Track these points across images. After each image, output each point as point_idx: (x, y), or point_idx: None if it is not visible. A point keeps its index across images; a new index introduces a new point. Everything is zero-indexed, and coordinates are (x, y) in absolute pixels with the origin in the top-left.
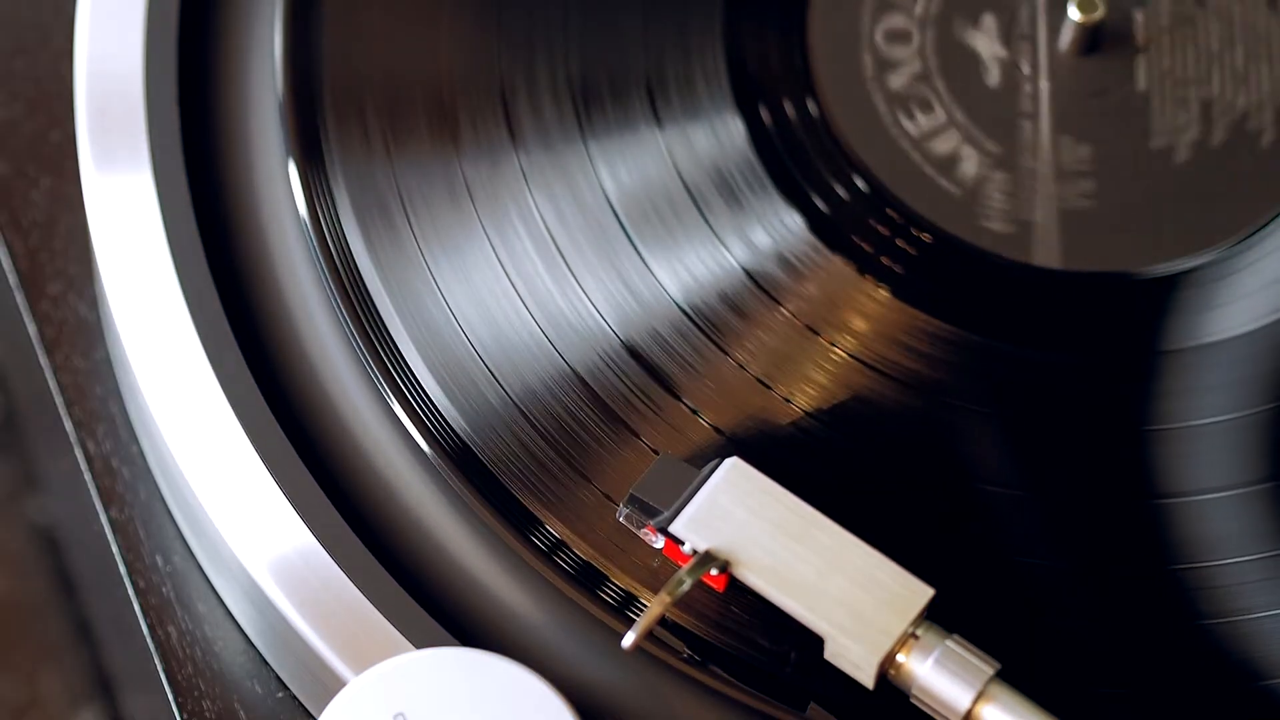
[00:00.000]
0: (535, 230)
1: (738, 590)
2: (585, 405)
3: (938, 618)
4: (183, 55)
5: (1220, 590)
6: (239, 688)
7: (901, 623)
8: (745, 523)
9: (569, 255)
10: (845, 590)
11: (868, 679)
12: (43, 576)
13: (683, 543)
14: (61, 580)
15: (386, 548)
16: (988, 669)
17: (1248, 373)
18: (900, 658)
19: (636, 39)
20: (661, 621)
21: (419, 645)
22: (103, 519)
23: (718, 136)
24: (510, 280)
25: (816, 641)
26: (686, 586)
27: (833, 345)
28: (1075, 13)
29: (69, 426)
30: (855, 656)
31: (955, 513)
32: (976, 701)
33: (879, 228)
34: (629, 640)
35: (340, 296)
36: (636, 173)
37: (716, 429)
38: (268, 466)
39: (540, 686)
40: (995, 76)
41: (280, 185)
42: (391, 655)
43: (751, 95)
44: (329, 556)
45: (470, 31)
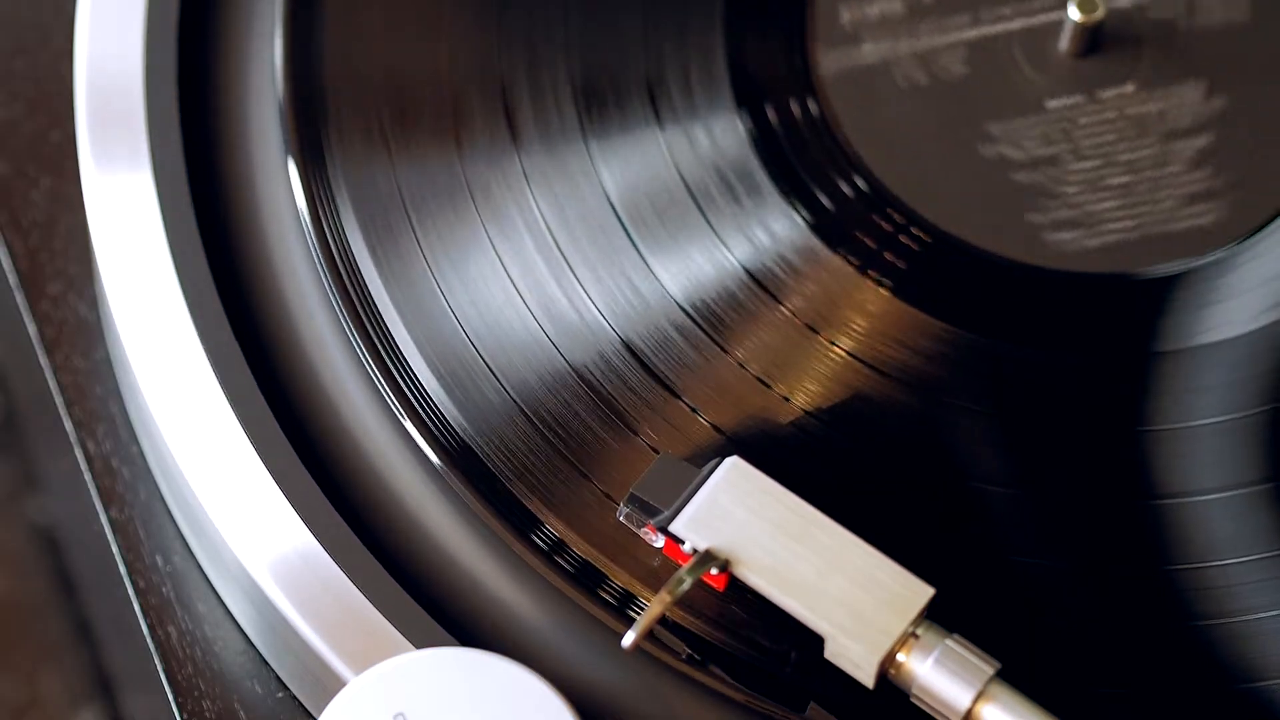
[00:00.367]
0: (536, 230)
1: (738, 590)
2: (585, 405)
3: (938, 617)
4: (183, 55)
5: (1220, 590)
6: (239, 688)
7: (901, 622)
8: (745, 522)
9: (570, 255)
10: (845, 590)
11: (868, 679)
12: (43, 576)
13: (683, 542)
14: (61, 580)
15: (386, 548)
16: (988, 669)
17: (1246, 373)
18: (900, 657)
19: (637, 39)
20: (661, 621)
21: (419, 645)
22: (103, 519)
23: (718, 136)
24: (511, 280)
25: (816, 641)
26: (686, 586)
27: (833, 344)
28: (1075, 13)
29: (69, 426)
30: (855, 656)
31: (955, 513)
32: (976, 701)
33: (879, 227)
34: (629, 640)
35: (340, 296)
36: (637, 172)
37: (716, 428)
38: (268, 466)
39: (540, 686)
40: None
41: (280, 185)
42: (391, 655)
43: (752, 95)
44: (329, 557)
45: (471, 31)
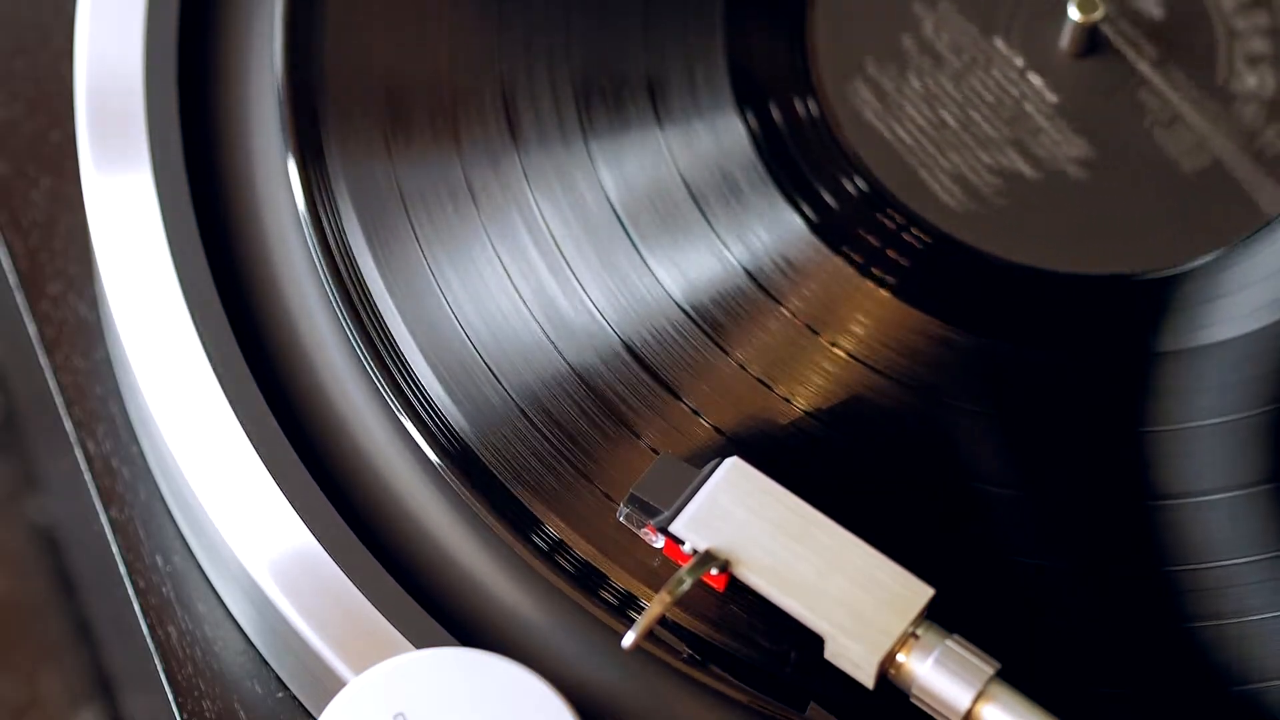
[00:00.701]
0: (536, 230)
1: (738, 590)
2: (585, 405)
3: (938, 618)
4: (183, 55)
5: (1219, 591)
6: (239, 688)
7: (901, 622)
8: (745, 522)
9: (570, 255)
10: (845, 590)
11: (868, 679)
12: (43, 576)
13: (683, 542)
14: (61, 580)
15: (386, 548)
16: (988, 669)
17: (1246, 374)
18: (900, 657)
19: (637, 39)
20: (661, 621)
21: (419, 645)
22: (103, 519)
23: (718, 136)
24: (511, 280)
25: (816, 641)
26: (686, 586)
27: (833, 345)
28: (1075, 13)
29: (69, 426)
30: (855, 656)
31: (955, 513)
32: (976, 701)
33: (879, 228)
34: (629, 640)
35: (340, 296)
36: (637, 172)
37: (716, 429)
38: (268, 466)
39: (540, 686)
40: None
41: (280, 185)
42: (391, 655)
43: (752, 95)
44: (329, 556)
45: (471, 30)
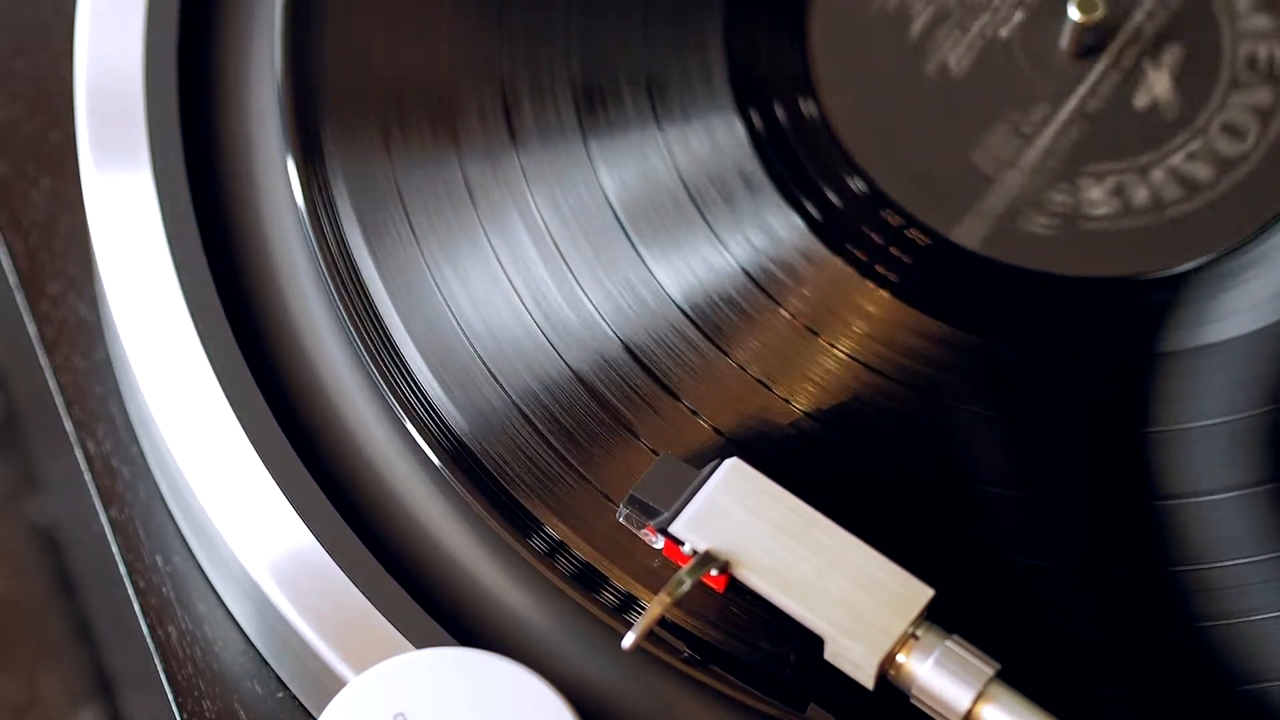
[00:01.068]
0: (535, 230)
1: (738, 590)
2: (585, 405)
3: (938, 618)
4: (183, 55)
5: (1220, 592)
6: (239, 688)
7: (901, 623)
8: (745, 523)
9: (569, 255)
10: (845, 590)
11: (868, 679)
12: (43, 576)
13: (683, 543)
14: (61, 580)
15: (386, 548)
16: (988, 669)
17: (1247, 375)
18: (900, 658)
19: (637, 39)
20: (661, 622)
21: (419, 645)
22: (103, 519)
23: (718, 137)
24: (510, 280)
25: (816, 642)
26: (686, 587)
27: (833, 345)
28: (1075, 13)
29: (69, 426)
30: (855, 656)
31: (955, 513)
32: (976, 702)
33: (879, 228)
34: (629, 641)
35: (340, 296)
36: (637, 173)
37: (716, 429)
38: (268, 466)
39: (540, 686)
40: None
41: (280, 185)
42: (391, 655)
43: (752, 95)
44: (329, 556)
45: (471, 30)
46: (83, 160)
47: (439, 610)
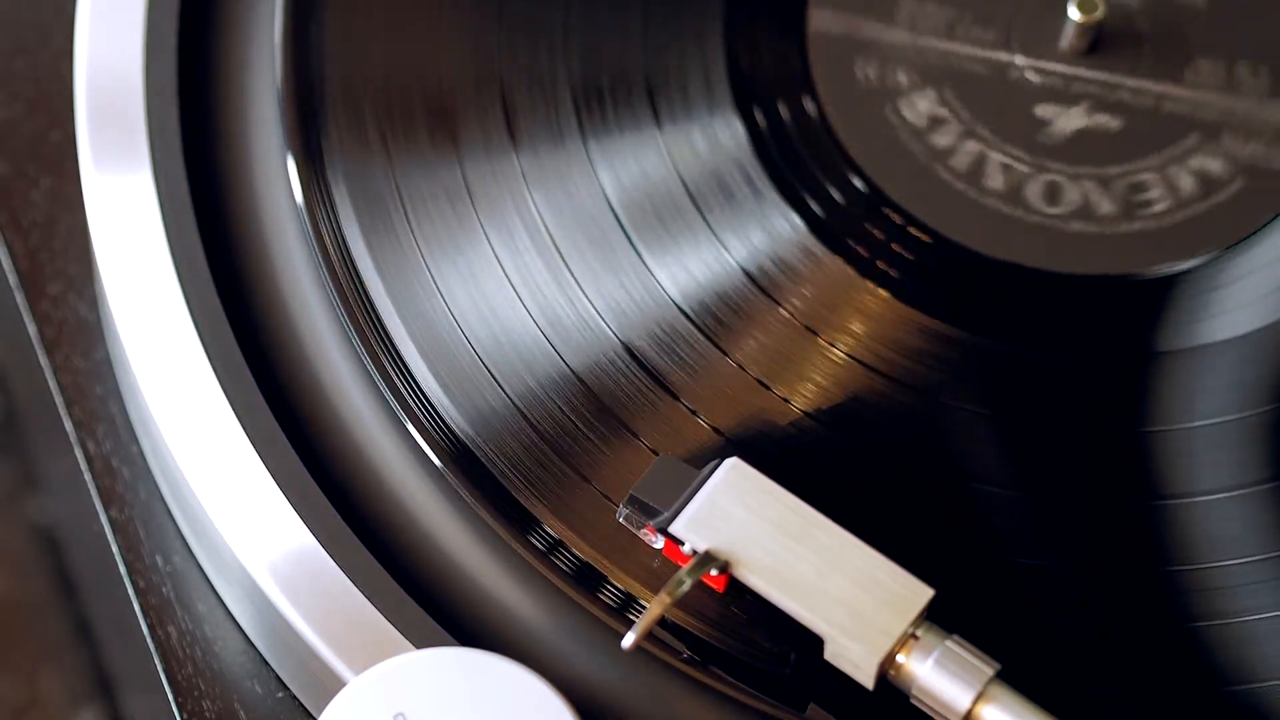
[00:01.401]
0: (535, 230)
1: (738, 590)
2: (585, 406)
3: (938, 618)
4: (183, 55)
5: (1220, 591)
6: (239, 688)
7: (901, 623)
8: (745, 523)
9: (568, 256)
10: (845, 590)
11: (868, 679)
12: (43, 576)
13: (683, 543)
14: (61, 580)
15: (386, 548)
16: (988, 669)
17: (1246, 374)
18: (900, 658)
19: (636, 39)
20: (661, 622)
21: (419, 645)
22: (103, 519)
23: (718, 137)
24: (510, 280)
25: (816, 642)
26: (686, 587)
27: (832, 345)
28: (1075, 13)
29: (69, 426)
30: (855, 657)
31: (955, 513)
32: (976, 702)
33: (878, 228)
34: (629, 641)
35: (340, 296)
36: (636, 173)
37: (716, 429)
38: (268, 466)
39: (540, 686)
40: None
41: (280, 185)
42: (391, 655)
43: (752, 96)
44: (329, 557)
45: (470, 30)
46: (83, 160)
47: (439, 610)
